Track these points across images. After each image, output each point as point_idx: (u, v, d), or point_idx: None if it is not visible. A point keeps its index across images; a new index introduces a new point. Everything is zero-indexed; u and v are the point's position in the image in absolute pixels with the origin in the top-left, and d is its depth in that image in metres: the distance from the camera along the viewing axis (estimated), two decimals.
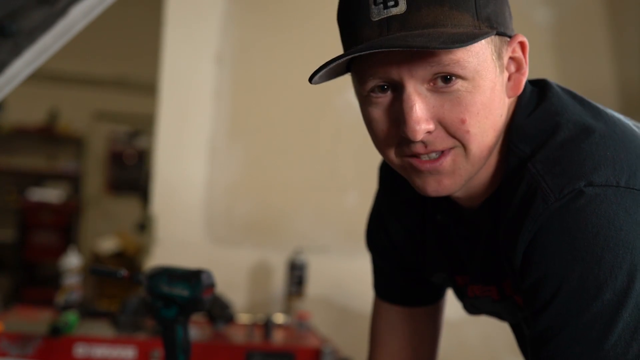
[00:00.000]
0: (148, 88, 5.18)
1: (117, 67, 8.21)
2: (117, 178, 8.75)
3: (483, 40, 1.03)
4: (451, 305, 3.51)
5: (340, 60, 1.02)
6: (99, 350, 2.40)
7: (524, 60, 1.09)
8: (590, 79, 3.52)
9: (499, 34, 1.05)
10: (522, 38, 1.09)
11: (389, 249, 1.40)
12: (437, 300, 1.46)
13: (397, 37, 0.99)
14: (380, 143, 1.10)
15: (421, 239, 1.33)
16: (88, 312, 2.74)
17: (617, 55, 3.60)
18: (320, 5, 3.45)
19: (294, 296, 3.11)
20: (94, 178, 8.77)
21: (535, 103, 1.12)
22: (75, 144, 8.72)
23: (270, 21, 3.43)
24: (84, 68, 8.21)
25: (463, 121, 1.04)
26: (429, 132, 1.04)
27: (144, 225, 3.70)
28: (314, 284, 3.24)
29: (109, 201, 8.66)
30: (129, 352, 2.41)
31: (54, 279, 4.01)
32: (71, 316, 2.48)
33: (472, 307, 1.34)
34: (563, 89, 1.15)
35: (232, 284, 3.11)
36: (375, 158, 1.34)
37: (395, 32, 1.00)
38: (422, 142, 1.05)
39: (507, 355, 3.38)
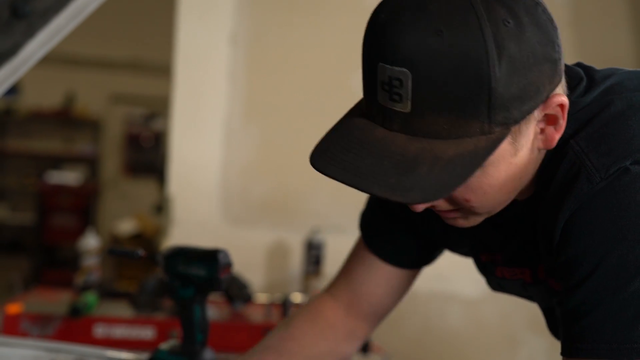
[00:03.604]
0: (163, 70, 5.18)
1: (132, 50, 8.23)
2: (134, 160, 8.79)
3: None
4: (469, 283, 3.51)
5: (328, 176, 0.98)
6: (118, 331, 2.42)
7: (561, 117, 0.98)
8: (609, 54, 3.49)
9: (521, 119, 0.95)
10: (561, 101, 0.97)
11: (401, 214, 1.35)
12: (424, 264, 1.42)
13: (384, 164, 0.93)
14: None
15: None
16: (107, 292, 2.76)
17: (637, 29, 3.55)
18: None
19: (311, 275, 3.11)
20: (111, 160, 8.82)
21: (583, 92, 1.06)
22: (92, 126, 8.77)
23: (284, 1, 3.41)
24: (99, 51, 8.23)
25: (467, 200, 1.01)
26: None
27: (161, 207, 3.71)
28: (331, 263, 3.23)
29: (127, 183, 8.71)
30: (148, 332, 2.43)
31: (73, 261, 4.03)
32: (90, 297, 2.50)
33: (498, 286, 1.32)
34: (608, 69, 1.11)
35: (249, 264, 3.11)
36: None
37: (395, 130, 0.94)
38: None
39: (526, 333, 3.37)
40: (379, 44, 0.93)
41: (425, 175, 0.91)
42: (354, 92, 1.02)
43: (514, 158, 0.98)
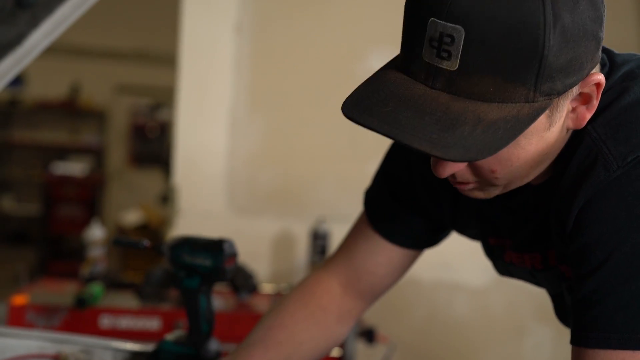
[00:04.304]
0: (168, 60, 5.18)
1: (137, 40, 8.22)
2: (140, 151, 8.79)
3: None
4: (475, 272, 3.50)
5: (365, 125, 0.93)
6: (124, 321, 2.42)
7: (595, 97, 0.98)
8: (614, 42, 3.47)
9: (563, 92, 0.94)
10: (598, 79, 0.96)
11: (407, 193, 1.33)
12: (429, 246, 1.39)
13: (426, 119, 0.90)
14: None
15: (453, 200, 1.27)
16: (113, 283, 2.76)
17: None
18: None
19: (317, 265, 3.11)
20: (117, 151, 8.82)
21: (606, 77, 1.03)
22: (97, 117, 8.77)
23: None
24: (104, 41, 8.22)
25: (493, 171, 0.99)
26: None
27: (167, 197, 3.71)
28: None
29: (132, 174, 8.71)
30: (154, 322, 2.43)
31: (78, 252, 4.04)
32: (96, 288, 2.50)
33: (506, 271, 1.30)
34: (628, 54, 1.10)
35: (255, 254, 3.11)
36: None
37: (438, 88, 0.91)
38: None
39: (531, 321, 3.37)
40: None
41: (468, 135, 0.89)
42: (359, 80, 1.01)
43: (546, 132, 0.97)
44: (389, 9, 3.34)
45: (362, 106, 0.95)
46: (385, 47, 3.25)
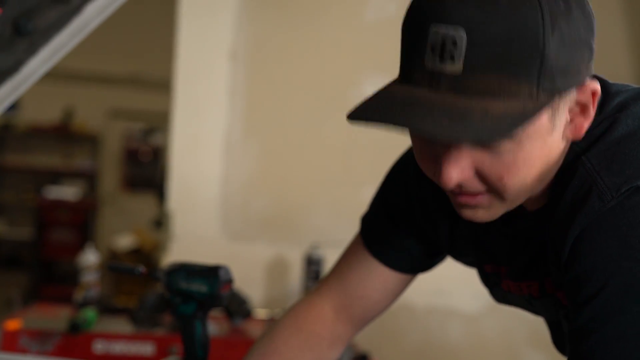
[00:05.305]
0: (163, 85, 5.19)
1: (132, 65, 8.24)
2: (133, 175, 8.79)
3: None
4: (469, 298, 3.50)
5: (369, 123, 0.96)
6: (118, 346, 2.41)
7: (591, 106, 1.01)
8: (605, 70, 3.49)
9: (563, 92, 0.97)
10: (594, 87, 1.00)
11: (405, 218, 1.34)
12: (424, 270, 1.40)
13: (435, 113, 0.92)
14: (420, 166, 1.07)
15: (450, 226, 1.27)
16: (106, 308, 2.75)
17: (633, 45, 3.57)
18: (335, 0, 3.45)
19: (310, 290, 3.10)
20: (110, 176, 8.82)
21: (600, 107, 1.06)
22: (90, 142, 8.77)
23: (284, 17, 3.43)
24: (98, 66, 8.24)
25: (501, 178, 1.00)
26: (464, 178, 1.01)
27: (161, 222, 3.71)
28: None
29: (125, 198, 8.70)
30: (148, 347, 2.42)
31: (71, 277, 4.03)
32: (90, 313, 2.50)
33: (503, 298, 1.31)
34: (621, 84, 1.12)
35: (249, 279, 3.11)
36: (390, 152, 1.33)
37: (443, 91, 0.93)
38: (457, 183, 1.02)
39: (526, 348, 3.37)
40: (434, 4, 0.94)
41: (478, 123, 0.91)
42: (353, 105, 1.01)
43: (549, 137, 0.99)
44: (382, 37, 3.36)
45: (369, 112, 0.97)
46: (378, 74, 3.27)
